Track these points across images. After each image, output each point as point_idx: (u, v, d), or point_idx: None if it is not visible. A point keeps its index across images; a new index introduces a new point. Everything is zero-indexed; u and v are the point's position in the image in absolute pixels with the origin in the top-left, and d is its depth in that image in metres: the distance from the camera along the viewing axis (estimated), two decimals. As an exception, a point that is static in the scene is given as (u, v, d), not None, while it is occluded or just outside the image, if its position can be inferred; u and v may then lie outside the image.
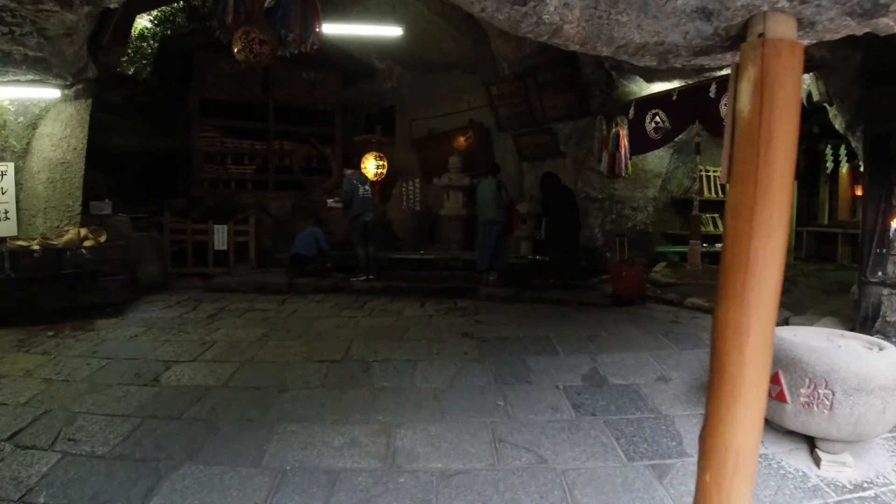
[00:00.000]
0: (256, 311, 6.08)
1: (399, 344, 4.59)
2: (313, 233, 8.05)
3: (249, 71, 10.84)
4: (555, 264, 6.98)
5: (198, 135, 10.35)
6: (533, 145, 8.67)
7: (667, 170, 7.98)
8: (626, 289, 6.30)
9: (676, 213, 8.54)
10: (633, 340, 4.76)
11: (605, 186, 7.84)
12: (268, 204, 10.16)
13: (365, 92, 12.14)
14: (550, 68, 7.90)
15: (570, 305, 6.33)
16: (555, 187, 7.16)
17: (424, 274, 8.30)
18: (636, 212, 8.01)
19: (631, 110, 6.99)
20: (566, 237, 6.89)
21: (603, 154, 7.21)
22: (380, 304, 6.45)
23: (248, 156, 10.69)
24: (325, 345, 4.61)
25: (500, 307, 6.18)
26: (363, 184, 7.79)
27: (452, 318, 5.57)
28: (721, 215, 9.01)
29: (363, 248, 7.80)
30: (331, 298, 6.85)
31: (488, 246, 7.10)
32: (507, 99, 8.69)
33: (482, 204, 7.23)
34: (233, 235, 9.13)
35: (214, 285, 7.74)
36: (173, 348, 4.66)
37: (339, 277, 8.00)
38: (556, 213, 7.01)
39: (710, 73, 6.40)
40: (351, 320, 5.47)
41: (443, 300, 6.63)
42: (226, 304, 6.48)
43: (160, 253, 8.19)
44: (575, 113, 7.94)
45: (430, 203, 10.40)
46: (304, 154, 11.05)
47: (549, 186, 7.19)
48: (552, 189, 7.15)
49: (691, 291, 6.77)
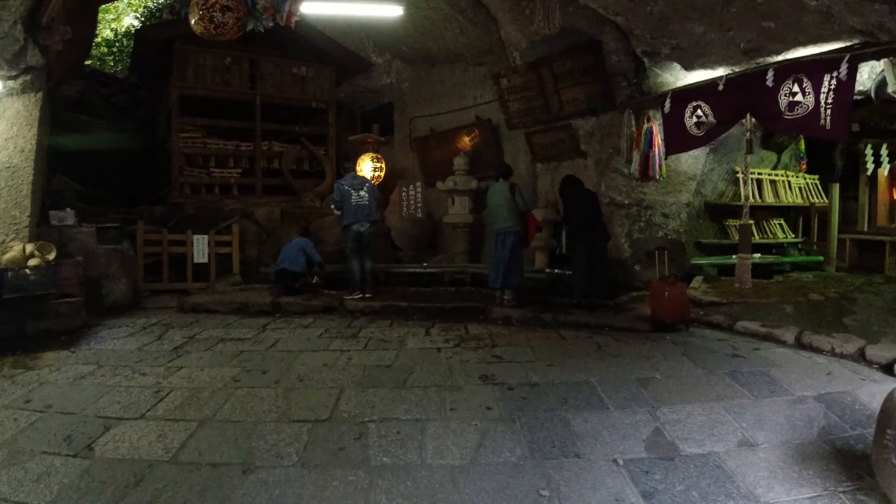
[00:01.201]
0: (231, 340, 5.12)
1: (402, 393, 3.63)
2: (301, 245, 7.10)
3: (234, 65, 9.93)
4: (579, 281, 6.03)
5: (177, 135, 9.39)
6: (548, 144, 7.73)
7: (702, 171, 7.04)
8: (669, 312, 5.35)
9: (710, 220, 7.60)
10: (695, 385, 3.81)
11: (633, 190, 6.91)
12: (254, 210, 9.22)
13: (360, 88, 11.22)
14: (570, 56, 6.96)
15: (601, 331, 5.39)
16: (577, 192, 6.23)
17: (428, 291, 7.35)
18: (668, 219, 7.07)
19: (667, 103, 6.06)
20: (592, 249, 5.93)
21: (633, 154, 6.27)
22: (377, 330, 5.49)
23: (233, 158, 9.75)
24: (309, 395, 3.65)
25: (521, 334, 5.23)
26: (357, 189, 6.84)
27: (465, 351, 4.61)
28: (764, 221, 8.09)
29: (357, 262, 6.85)
30: (320, 322, 5.89)
31: (502, 259, 6.15)
32: (518, 92, 7.75)
33: (494, 211, 6.29)
34: (214, 246, 8.18)
35: (189, 305, 6.78)
36: (121, 398, 3.71)
37: (331, 295, 7.05)
38: (580, 222, 6.06)
39: (765, 59, 5.47)
40: (342, 356, 4.50)
41: (451, 325, 5.68)
42: (198, 332, 5.52)
43: (129, 268, 7.22)
44: (598, 107, 7.00)
45: (433, 208, 9.46)
46: (295, 155, 10.12)
47: (570, 191, 6.25)
48: (574, 194, 6.21)
49: (740, 312, 5.83)
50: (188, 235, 8.10)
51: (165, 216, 9.52)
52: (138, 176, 11.62)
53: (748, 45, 5.40)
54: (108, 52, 17.07)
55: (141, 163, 11.75)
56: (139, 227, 7.99)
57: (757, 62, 5.56)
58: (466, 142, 8.92)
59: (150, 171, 11.49)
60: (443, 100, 9.46)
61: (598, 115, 7.07)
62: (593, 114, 7.10)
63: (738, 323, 5.54)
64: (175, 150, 9.35)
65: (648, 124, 6.23)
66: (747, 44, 5.39)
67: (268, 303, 6.65)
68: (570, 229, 6.11)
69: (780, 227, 8.33)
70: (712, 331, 5.51)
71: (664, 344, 4.89)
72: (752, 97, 5.42)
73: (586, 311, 5.94)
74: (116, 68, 15.80)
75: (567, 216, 6.22)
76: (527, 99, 7.69)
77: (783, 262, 7.81)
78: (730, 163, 7.48)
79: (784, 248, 8.18)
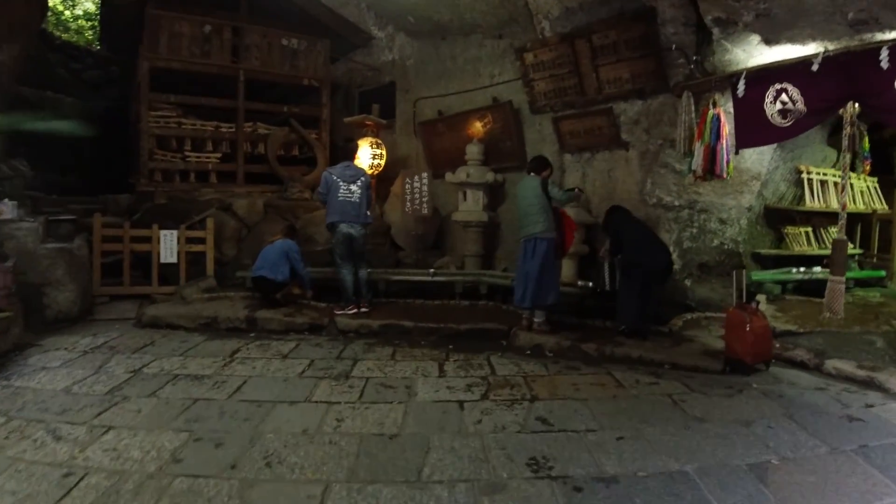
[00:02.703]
0: (186, 379, 3.93)
1: (417, 496, 2.46)
2: (284, 248, 5.89)
3: (215, 34, 8.60)
4: (630, 305, 4.86)
5: (147, 113, 8.13)
6: (581, 132, 6.53)
7: (767, 170, 5.88)
8: (751, 351, 4.21)
9: (767, 227, 6.45)
10: (825, 474, 2.67)
11: (685, 190, 5.74)
12: (234, 202, 7.99)
13: (359, 65, 9.96)
14: (613, 26, 5.75)
15: (661, 369, 4.27)
16: (630, 225, 5.17)
17: (436, 305, 6.17)
18: (725, 225, 5.90)
19: (740, 85, 4.87)
20: (654, 270, 4.79)
21: (695, 146, 5.08)
22: (376, 363, 4.31)
23: (212, 141, 8.51)
24: (277, 498, 2.47)
25: (564, 378, 4.05)
26: (348, 181, 5.63)
27: (498, 408, 3.43)
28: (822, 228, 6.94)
29: (349, 271, 5.67)
30: (304, 349, 4.71)
31: (532, 273, 4.96)
32: (547, 70, 6.54)
33: (523, 212, 5.10)
34: (184, 244, 6.96)
35: (148, 319, 5.60)
36: (15, 484, 2.54)
37: (320, 309, 5.87)
38: (636, 243, 4.95)
39: (873, 35, 4.30)
40: (329, 413, 3.30)
41: (470, 357, 4.51)
42: (148, 361, 4.33)
43: (80, 272, 6.00)
44: (646, 88, 5.80)
45: (439, 203, 8.26)
46: (283, 139, 8.87)
47: (621, 224, 5.18)
48: (627, 227, 5.13)
49: (824, 346, 4.71)
50: (154, 231, 6.87)
51: (132, 207, 8.30)
52: (110, 160, 10.37)
53: (858, 15, 4.22)
54: (87, 25, 15.74)
55: (113, 145, 10.49)
56: (95, 220, 6.74)
57: (862, 38, 4.39)
58: (480, 127, 7.70)
59: (123, 154, 10.23)
60: (454, 78, 8.22)
61: (646, 99, 5.87)
62: (640, 96, 5.90)
63: (826, 362, 4.44)
64: (144, 131, 8.10)
65: (714, 110, 5.03)
66: (857, 14, 4.21)
67: (241, 318, 5.46)
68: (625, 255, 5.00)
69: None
70: (796, 371, 4.42)
71: (754, 396, 3.75)
72: (858, 81, 4.25)
73: (636, 340, 4.79)
74: (96, 43, 14.47)
75: (615, 245, 5.13)
76: (557, 77, 6.47)
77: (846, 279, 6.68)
78: (794, 160, 6.33)
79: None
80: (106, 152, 10.36)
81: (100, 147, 10.31)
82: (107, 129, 10.30)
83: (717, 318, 5.49)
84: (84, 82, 11.84)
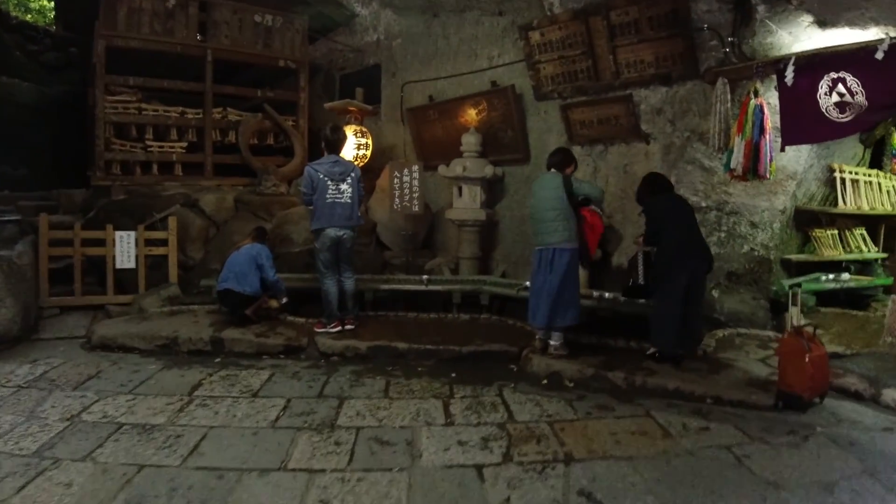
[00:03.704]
0: (133, 429, 3.16)
1: None
2: (253, 254, 5.09)
3: (179, 8, 7.63)
4: (668, 327, 4.11)
5: (103, 97, 7.21)
6: (594, 121, 5.81)
7: (803, 169, 5.26)
8: (810, 384, 3.58)
9: (795, 230, 5.84)
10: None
11: (713, 189, 5.08)
12: (200, 197, 7.14)
13: (340, 46, 9.10)
14: (636, 2, 5.00)
15: (702, 404, 3.65)
16: (669, 202, 4.31)
17: (432, 320, 5.47)
18: (756, 230, 5.26)
19: (788, 72, 4.18)
20: (691, 280, 4.09)
21: (736, 140, 4.40)
22: (366, 403, 3.57)
23: (177, 128, 7.61)
24: None
25: (595, 419, 3.37)
26: (338, 180, 4.86)
27: (527, 476, 2.71)
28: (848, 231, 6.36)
29: (331, 281, 4.92)
30: (279, 381, 3.97)
31: (550, 288, 4.24)
32: (556, 51, 5.79)
33: (540, 216, 4.35)
34: (144, 246, 6.13)
35: (98, 339, 4.82)
36: None
37: (298, 325, 5.13)
38: (677, 244, 4.14)
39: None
40: (311, 489, 2.55)
41: (478, 391, 3.82)
42: (91, 400, 3.58)
43: (20, 283, 5.17)
44: (673, 73, 5.10)
45: (430, 198, 7.50)
46: (256, 127, 8.01)
47: (658, 200, 4.31)
48: (665, 205, 4.27)
49: (878, 371, 4.13)
50: (108, 232, 6.02)
51: (88, 203, 7.41)
52: (68, 151, 9.37)
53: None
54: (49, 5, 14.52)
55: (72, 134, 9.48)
56: (42, 221, 5.88)
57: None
58: (477, 115, 6.94)
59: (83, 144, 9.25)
60: (447, 61, 7.42)
61: (672, 85, 5.17)
62: (664, 82, 5.20)
63: (884, 392, 3.89)
64: (100, 118, 7.18)
65: (756, 100, 4.36)
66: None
67: (205, 339, 4.68)
68: (662, 255, 4.20)
69: (863, 238, 6.63)
70: (852, 403, 3.85)
71: (822, 444, 3.13)
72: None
73: (669, 366, 4.13)
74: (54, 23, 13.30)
75: (653, 235, 4.26)
76: (567, 60, 5.73)
77: (875, 286, 6.16)
78: (827, 158, 5.72)
79: (871, 265, 6.49)
80: (64, 142, 9.35)
81: (58, 136, 9.30)
82: (65, 116, 9.30)
83: (750, 335, 4.90)
84: (42, 65, 10.75)
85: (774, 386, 3.81)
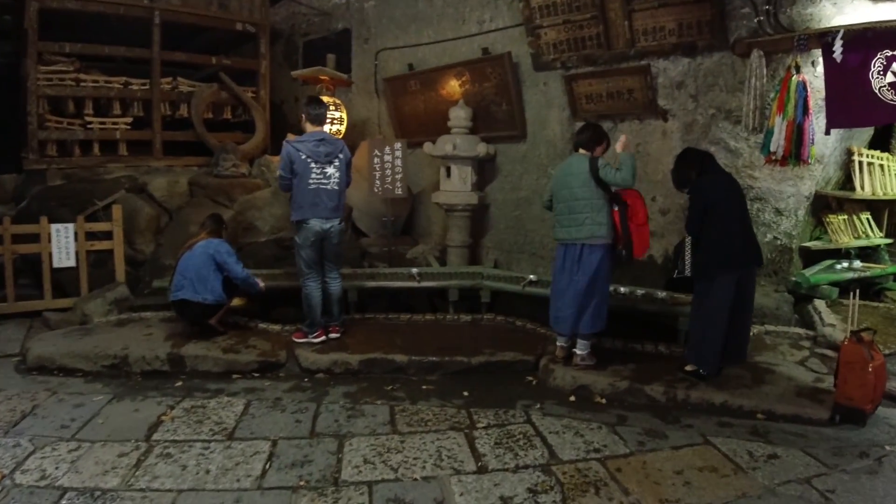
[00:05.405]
0: (79, 496, 2.42)
1: None
2: (210, 252, 4.21)
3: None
4: (709, 338, 3.54)
5: (35, 67, 6.12)
6: (603, 95, 5.19)
7: (830, 152, 4.84)
8: (872, 395, 3.18)
9: (811, 216, 5.46)
10: None
11: (738, 173, 4.56)
12: (149, 180, 6.20)
13: (304, 9, 8.15)
14: (658, -42, 4.40)
15: (754, 420, 3.21)
16: (718, 181, 3.63)
17: (430, 323, 4.82)
18: (781, 217, 4.82)
19: (836, 46, 3.68)
20: (744, 281, 3.57)
21: (775, 121, 3.89)
22: (372, 445, 2.90)
23: (121, 102, 6.58)
24: None
25: (651, 451, 2.85)
26: (323, 161, 4.08)
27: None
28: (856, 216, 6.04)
29: (314, 283, 4.19)
30: (258, 414, 3.25)
31: (577, 290, 3.64)
32: (560, 14, 5.12)
33: (564, 206, 3.73)
34: (84, 241, 5.20)
35: (34, 359, 3.97)
36: None
37: (272, 334, 4.40)
38: (726, 230, 3.51)
39: None
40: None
41: (505, 420, 3.21)
42: (26, 452, 2.79)
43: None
44: (699, 43, 4.52)
45: (411, 180, 6.76)
46: (211, 99, 7.04)
47: (706, 178, 3.62)
48: (714, 184, 3.59)
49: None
50: (43, 225, 5.06)
51: (21, 190, 6.37)
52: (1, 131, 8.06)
53: None
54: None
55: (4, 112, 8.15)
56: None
57: None
58: (465, 86, 6.22)
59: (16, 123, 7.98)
60: (429, 24, 6.62)
61: (696, 57, 4.60)
62: (687, 53, 4.62)
63: (935, 399, 3.52)
64: (32, 91, 6.11)
65: (798, 77, 3.85)
66: None
67: (162, 356, 3.89)
68: (707, 252, 3.57)
69: (869, 223, 6.35)
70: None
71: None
72: None
73: (712, 381, 3.63)
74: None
75: (698, 223, 3.59)
76: (574, 25, 5.07)
77: (887, 274, 5.89)
78: (847, 141, 5.34)
79: (878, 252, 6.21)
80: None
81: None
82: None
83: (779, 332, 4.49)
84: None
85: (824, 395, 3.44)
